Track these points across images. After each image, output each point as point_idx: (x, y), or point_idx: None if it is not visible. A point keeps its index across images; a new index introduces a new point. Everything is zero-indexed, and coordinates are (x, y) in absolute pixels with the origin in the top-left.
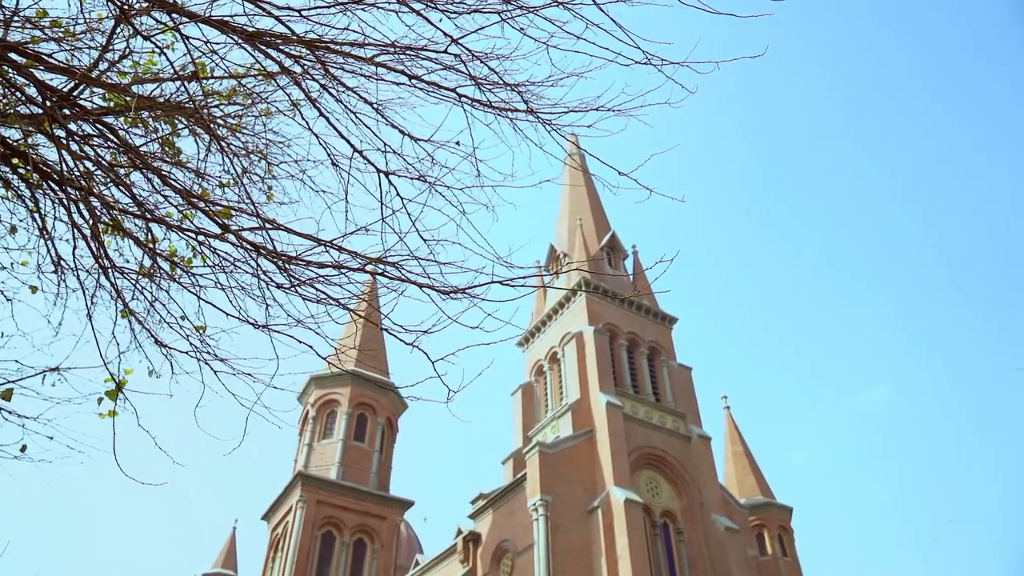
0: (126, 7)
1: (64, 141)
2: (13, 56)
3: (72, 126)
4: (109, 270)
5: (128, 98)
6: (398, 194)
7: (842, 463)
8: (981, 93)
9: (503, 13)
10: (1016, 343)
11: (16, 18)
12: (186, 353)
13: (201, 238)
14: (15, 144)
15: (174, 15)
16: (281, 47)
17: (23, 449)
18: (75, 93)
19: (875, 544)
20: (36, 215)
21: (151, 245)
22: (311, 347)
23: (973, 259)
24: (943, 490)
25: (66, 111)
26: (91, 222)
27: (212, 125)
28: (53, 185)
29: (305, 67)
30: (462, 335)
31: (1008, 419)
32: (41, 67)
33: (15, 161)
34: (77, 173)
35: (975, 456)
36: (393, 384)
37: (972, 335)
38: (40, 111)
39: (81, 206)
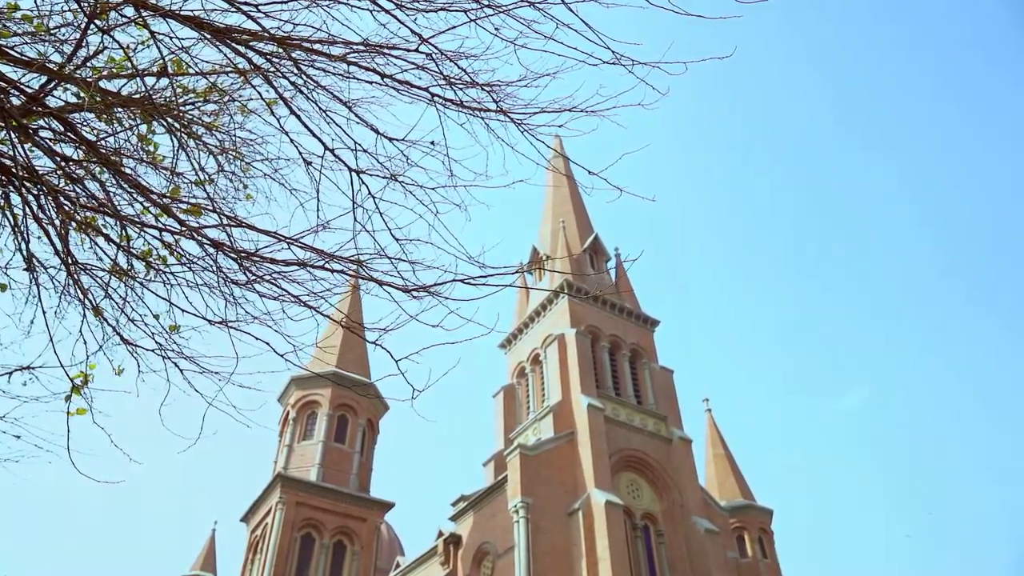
0: (90, 3)
1: (26, 136)
2: None
3: (39, 122)
4: (72, 267)
5: (98, 96)
6: (369, 192)
7: (822, 465)
8: (979, 89)
9: (471, 12)
10: (999, 344)
11: None
12: (152, 351)
13: (167, 237)
14: None
15: (142, 10)
16: (251, 44)
17: None
18: (47, 88)
19: (856, 545)
20: (8, 213)
21: (124, 243)
22: (267, 343)
23: (956, 260)
24: (924, 490)
25: (23, 106)
26: (59, 219)
27: (185, 122)
28: (15, 181)
29: (276, 65)
30: (437, 334)
31: (990, 419)
32: (6, 61)
33: None
34: (37, 169)
35: (957, 455)
36: (374, 385)
37: (953, 336)
38: None
39: (43, 201)
